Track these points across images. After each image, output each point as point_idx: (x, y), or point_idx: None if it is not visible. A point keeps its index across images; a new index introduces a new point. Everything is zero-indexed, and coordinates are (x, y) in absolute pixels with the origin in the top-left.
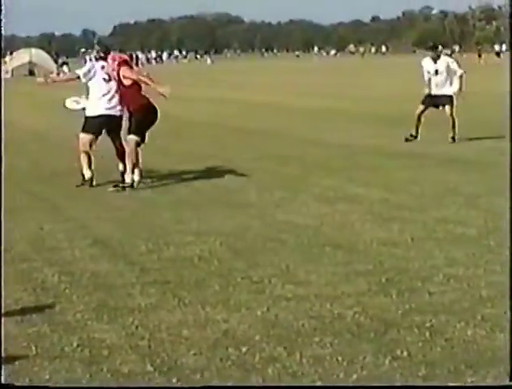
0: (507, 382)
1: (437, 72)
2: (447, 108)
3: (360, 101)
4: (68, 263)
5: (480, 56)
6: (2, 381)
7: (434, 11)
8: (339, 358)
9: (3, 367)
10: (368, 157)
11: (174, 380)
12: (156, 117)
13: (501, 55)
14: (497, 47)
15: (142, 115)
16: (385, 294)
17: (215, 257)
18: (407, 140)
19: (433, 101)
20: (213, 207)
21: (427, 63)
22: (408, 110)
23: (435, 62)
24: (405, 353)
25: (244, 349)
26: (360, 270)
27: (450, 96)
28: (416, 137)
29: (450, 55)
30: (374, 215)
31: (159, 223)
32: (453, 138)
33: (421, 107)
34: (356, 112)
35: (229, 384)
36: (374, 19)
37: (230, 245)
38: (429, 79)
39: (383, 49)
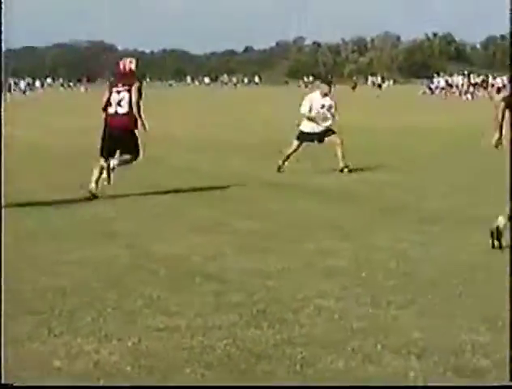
0: (507, 382)
1: (323, 107)
2: (333, 137)
3: (236, 130)
4: None
5: (354, 88)
6: (2, 381)
7: (307, 42)
8: None
9: (3, 367)
10: (241, 187)
11: None
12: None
13: (383, 87)
14: (378, 79)
15: None
16: (256, 326)
17: (88, 287)
18: (279, 169)
19: (315, 137)
20: (85, 237)
21: (315, 97)
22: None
23: (323, 97)
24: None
25: (115, 380)
26: (231, 301)
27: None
28: (280, 167)
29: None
30: (246, 246)
31: (34, 253)
32: (346, 168)
33: (296, 142)
34: (228, 140)
35: (229, 384)
36: (247, 49)
37: (102, 275)
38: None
39: (256, 79)
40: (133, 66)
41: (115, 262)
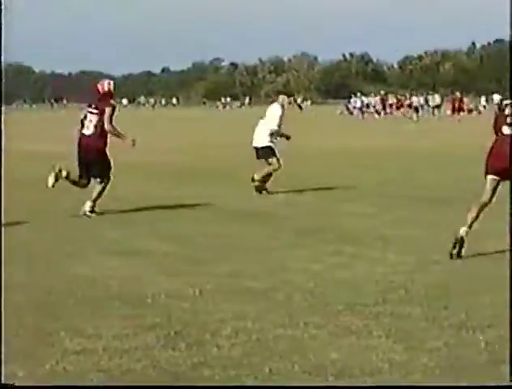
0: (507, 382)
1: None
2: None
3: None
4: None
5: None
6: (2, 381)
7: (224, 63)
8: None
9: (3, 367)
10: (158, 210)
11: None
12: None
13: (303, 107)
14: (298, 99)
15: None
16: (173, 347)
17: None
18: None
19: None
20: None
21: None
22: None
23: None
24: None
25: None
26: (148, 323)
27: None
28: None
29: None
30: (163, 268)
31: None
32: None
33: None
34: (151, 164)
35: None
36: (164, 70)
37: (20, 297)
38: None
39: (174, 100)
40: (111, 87)
41: (32, 284)
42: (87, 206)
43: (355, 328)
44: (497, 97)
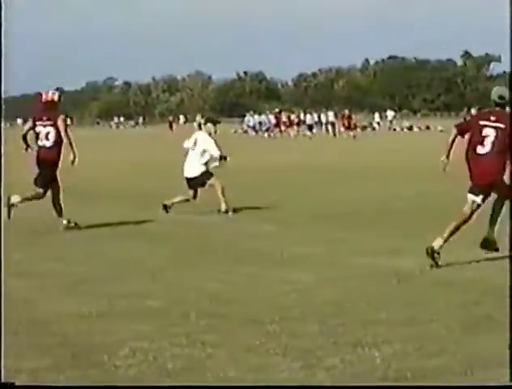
0: (507, 382)
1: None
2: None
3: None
4: None
5: (171, 127)
6: (2, 380)
7: (118, 82)
8: None
9: (3, 367)
10: (45, 234)
11: None
12: None
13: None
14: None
15: None
16: (71, 368)
17: None
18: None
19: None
20: None
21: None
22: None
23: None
24: None
25: None
26: (45, 344)
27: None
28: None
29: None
30: (56, 289)
31: None
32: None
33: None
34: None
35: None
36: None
37: None
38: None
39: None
40: (55, 98)
41: None
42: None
43: (252, 346)
44: (390, 113)
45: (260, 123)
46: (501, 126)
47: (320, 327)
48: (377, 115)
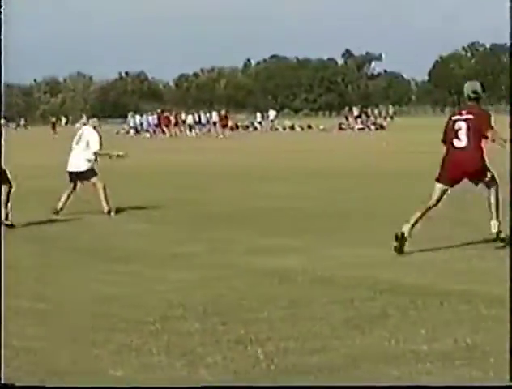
0: (507, 383)
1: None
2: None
3: None
4: None
5: (54, 128)
6: (2, 381)
7: None
8: None
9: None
10: None
11: None
12: None
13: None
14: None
15: None
16: None
17: None
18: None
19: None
20: None
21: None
22: None
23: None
24: None
25: None
26: None
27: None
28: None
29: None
30: None
31: None
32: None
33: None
34: None
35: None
36: None
37: None
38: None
39: None
40: None
41: None
42: None
43: (135, 346)
44: (272, 113)
45: (142, 124)
46: (471, 116)
47: (202, 325)
48: (259, 115)
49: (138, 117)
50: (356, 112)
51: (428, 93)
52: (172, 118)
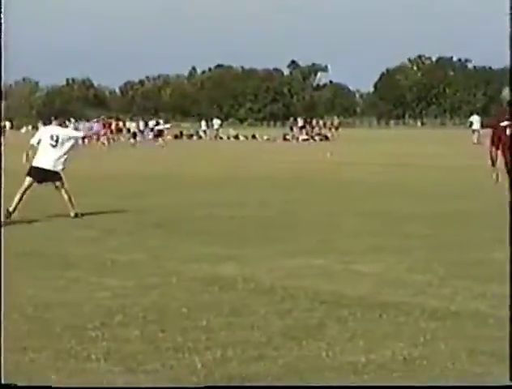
0: (507, 382)
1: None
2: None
3: None
4: None
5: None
6: (2, 381)
7: None
8: None
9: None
10: None
11: None
12: None
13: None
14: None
15: None
16: None
17: None
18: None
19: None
20: None
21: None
22: None
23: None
24: None
25: None
26: None
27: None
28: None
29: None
30: None
31: None
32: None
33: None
34: None
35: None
36: None
37: None
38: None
39: None
40: None
41: None
42: None
43: (74, 352)
44: (217, 122)
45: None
46: None
47: (141, 332)
48: (203, 123)
49: (81, 124)
50: (300, 122)
51: (373, 105)
52: (113, 125)
